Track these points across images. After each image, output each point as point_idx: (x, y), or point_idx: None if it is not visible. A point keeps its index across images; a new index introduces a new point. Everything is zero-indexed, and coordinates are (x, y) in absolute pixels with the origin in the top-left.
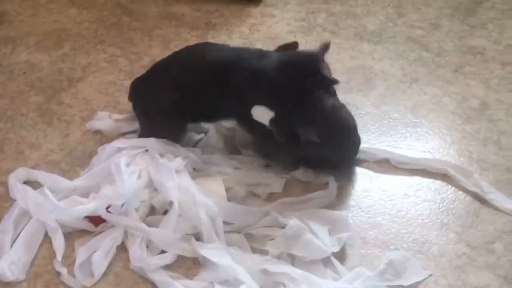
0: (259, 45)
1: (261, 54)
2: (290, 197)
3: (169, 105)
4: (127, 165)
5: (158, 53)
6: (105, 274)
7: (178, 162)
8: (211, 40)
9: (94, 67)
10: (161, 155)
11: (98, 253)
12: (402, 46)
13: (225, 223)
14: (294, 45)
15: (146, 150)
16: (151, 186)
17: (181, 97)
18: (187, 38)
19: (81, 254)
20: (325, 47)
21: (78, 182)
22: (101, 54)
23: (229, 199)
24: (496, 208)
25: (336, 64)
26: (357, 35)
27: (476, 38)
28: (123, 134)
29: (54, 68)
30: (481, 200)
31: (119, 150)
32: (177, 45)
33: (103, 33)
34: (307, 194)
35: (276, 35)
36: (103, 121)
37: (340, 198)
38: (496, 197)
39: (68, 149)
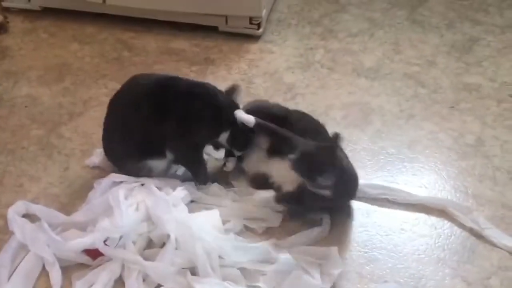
0: (258, 81)
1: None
2: (286, 231)
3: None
4: (125, 198)
5: None
6: None
7: (176, 195)
8: (210, 76)
9: (94, 102)
10: (159, 188)
11: (96, 286)
12: (399, 82)
13: (220, 257)
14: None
15: (142, 184)
16: (149, 219)
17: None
18: (187, 73)
19: None
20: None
21: (75, 217)
22: (102, 89)
23: (226, 232)
24: (493, 244)
25: (334, 99)
26: (355, 71)
27: (472, 75)
28: None
29: (55, 102)
30: (477, 235)
31: (115, 184)
32: None
33: (104, 67)
34: (301, 231)
35: (275, 71)
36: (102, 156)
37: (336, 233)
38: (493, 233)
39: (68, 182)
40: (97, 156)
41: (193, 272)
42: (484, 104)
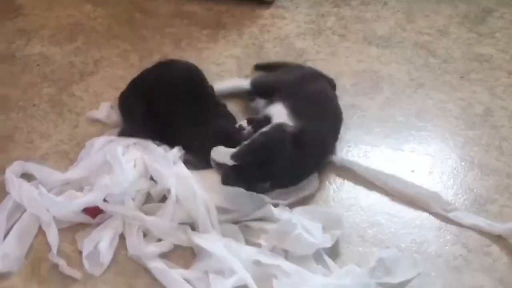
0: (269, 46)
1: None
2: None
3: (138, 117)
4: (122, 154)
5: (169, 50)
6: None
7: (174, 152)
8: (221, 40)
9: (106, 62)
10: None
11: (103, 242)
12: (410, 51)
13: (223, 210)
14: None
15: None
16: (146, 175)
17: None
18: (198, 37)
19: (87, 246)
20: None
21: (70, 174)
22: (113, 49)
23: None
24: (460, 224)
25: (344, 67)
26: (366, 39)
27: (484, 46)
28: None
29: (66, 61)
30: (481, 203)
31: (109, 142)
32: (187, 43)
33: (116, 29)
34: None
35: (286, 37)
36: (103, 110)
37: (340, 197)
38: (458, 213)
39: (77, 140)
40: (102, 110)
41: (193, 227)
42: (494, 75)
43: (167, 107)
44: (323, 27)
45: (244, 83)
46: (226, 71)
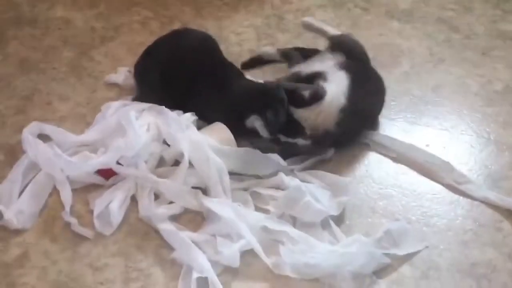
0: (289, 17)
1: None
2: None
3: (154, 84)
4: (136, 118)
5: (190, 18)
6: (120, 224)
7: (188, 117)
8: (242, 10)
9: (126, 28)
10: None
11: (114, 203)
12: (432, 26)
13: (235, 174)
14: None
15: None
16: (159, 139)
17: (162, 79)
18: (219, 6)
19: (98, 206)
20: None
21: (85, 136)
22: (134, 16)
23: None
24: (472, 197)
25: (364, 40)
26: (388, 13)
27: (508, 23)
28: None
29: (88, 26)
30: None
31: (124, 106)
32: (208, 12)
33: None
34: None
35: (307, 9)
36: (121, 75)
37: (353, 167)
38: (471, 186)
39: (94, 104)
40: (120, 74)
41: (204, 192)
42: None
43: (181, 75)
44: (345, 0)
45: (333, 32)
46: (245, 40)
